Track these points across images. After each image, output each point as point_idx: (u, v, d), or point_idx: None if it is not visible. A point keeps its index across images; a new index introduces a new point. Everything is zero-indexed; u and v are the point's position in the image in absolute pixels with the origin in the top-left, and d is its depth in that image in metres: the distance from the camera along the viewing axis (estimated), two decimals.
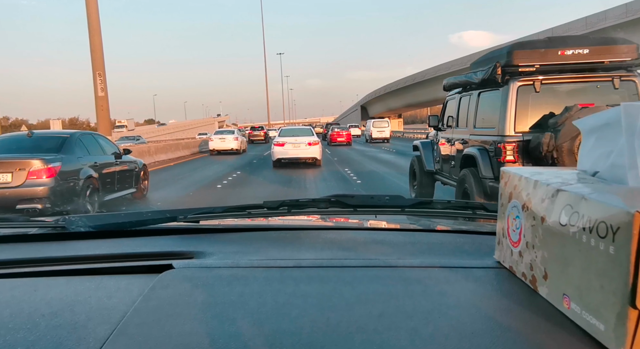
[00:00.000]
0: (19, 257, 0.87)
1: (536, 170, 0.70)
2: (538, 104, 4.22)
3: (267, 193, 8.47)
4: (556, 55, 4.23)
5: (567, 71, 4.25)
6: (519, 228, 0.67)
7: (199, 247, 0.88)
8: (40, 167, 5.56)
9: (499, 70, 4.28)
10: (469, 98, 5.31)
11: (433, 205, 1.11)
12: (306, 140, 12.93)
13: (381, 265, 0.76)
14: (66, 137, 6.48)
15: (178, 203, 7.82)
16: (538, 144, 4.00)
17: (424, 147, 6.71)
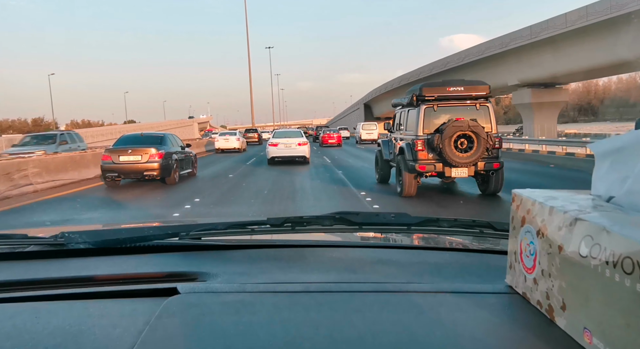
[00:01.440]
0: (18, 278, 0.84)
1: (549, 194, 0.69)
2: (435, 118, 7.60)
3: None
4: (446, 90, 7.64)
5: (451, 99, 7.63)
6: (534, 255, 0.65)
7: (202, 267, 0.86)
8: (155, 152, 10.45)
9: (415, 98, 7.72)
10: (401, 113, 8.78)
11: (439, 222, 1.10)
12: (296, 141, 15.37)
13: (391, 290, 0.75)
14: (162, 136, 11.49)
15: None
16: (433, 140, 7.35)
17: (383, 143, 9.98)
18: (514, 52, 29.23)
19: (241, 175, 13.01)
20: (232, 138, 24.65)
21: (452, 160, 7.20)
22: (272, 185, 10.46)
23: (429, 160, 7.42)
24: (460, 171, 7.34)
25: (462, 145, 7.16)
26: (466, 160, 7.20)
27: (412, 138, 7.73)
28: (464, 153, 7.16)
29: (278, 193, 9.12)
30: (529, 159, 16.45)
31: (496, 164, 7.41)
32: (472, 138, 7.13)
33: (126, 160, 10.27)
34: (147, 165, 10.20)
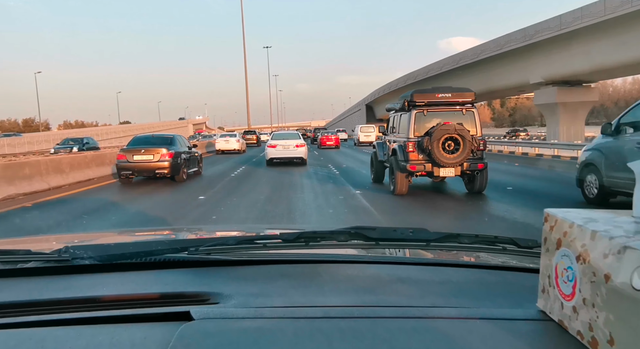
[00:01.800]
0: (22, 299, 0.81)
1: (587, 215, 0.66)
2: (425, 122, 8.29)
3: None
4: (435, 97, 8.35)
5: (440, 105, 8.34)
6: (573, 281, 0.62)
7: (214, 286, 0.83)
8: (166, 152, 11.46)
9: (406, 103, 8.42)
10: (395, 117, 9.48)
11: (460, 238, 1.06)
12: (294, 143, 15.95)
13: (417, 315, 0.71)
14: (172, 137, 12.51)
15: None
16: (423, 142, 8.03)
17: (378, 145, 10.64)
18: (539, 46, 26.15)
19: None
20: (232, 140, 25.54)
21: (440, 161, 7.85)
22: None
23: (419, 160, 8.06)
24: (447, 171, 7.99)
25: (449, 147, 7.81)
26: (453, 161, 7.85)
27: (404, 141, 8.38)
28: (451, 155, 7.81)
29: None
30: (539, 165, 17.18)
31: (480, 165, 8.08)
32: (459, 141, 7.78)
33: (139, 159, 11.27)
34: (159, 164, 11.24)
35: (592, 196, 7.20)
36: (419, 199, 8.24)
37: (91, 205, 8.43)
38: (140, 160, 11.23)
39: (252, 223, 6.50)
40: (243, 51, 35.05)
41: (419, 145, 8.05)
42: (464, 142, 7.76)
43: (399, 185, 8.38)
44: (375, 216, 6.89)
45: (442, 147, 7.79)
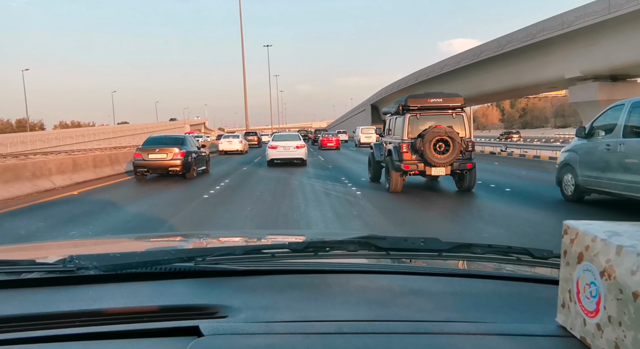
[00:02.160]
0: (27, 312, 0.79)
1: (610, 228, 0.64)
2: (418, 125, 9.01)
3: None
4: (427, 101, 9.08)
5: (432, 109, 9.06)
6: (596, 298, 0.60)
7: (222, 299, 0.82)
8: (178, 151, 12.50)
9: (400, 107, 9.16)
10: (390, 120, 10.21)
11: (473, 249, 1.04)
12: (295, 144, 16.36)
13: (432, 331, 0.69)
14: (183, 137, 13.59)
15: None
16: (416, 144, 8.74)
17: (375, 146, 11.33)
18: (578, 34, 22.04)
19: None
20: (235, 141, 26.31)
21: (431, 161, 8.54)
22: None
23: (412, 160, 8.74)
24: (438, 170, 8.68)
25: (440, 148, 8.50)
26: (443, 161, 8.54)
27: (398, 142, 9.09)
28: (441, 155, 8.50)
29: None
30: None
31: (469, 164, 8.78)
32: (449, 142, 8.47)
33: (154, 157, 12.35)
34: (172, 162, 12.30)
35: (569, 194, 7.77)
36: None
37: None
38: (155, 159, 12.29)
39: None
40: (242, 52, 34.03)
41: (413, 146, 8.73)
42: (454, 143, 8.43)
43: (394, 183, 9.06)
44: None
45: (434, 148, 8.47)
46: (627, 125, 6.87)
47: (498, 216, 7.09)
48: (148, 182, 12.23)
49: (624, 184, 6.66)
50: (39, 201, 8.97)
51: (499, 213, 7.30)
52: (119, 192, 10.47)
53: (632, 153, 6.60)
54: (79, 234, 5.99)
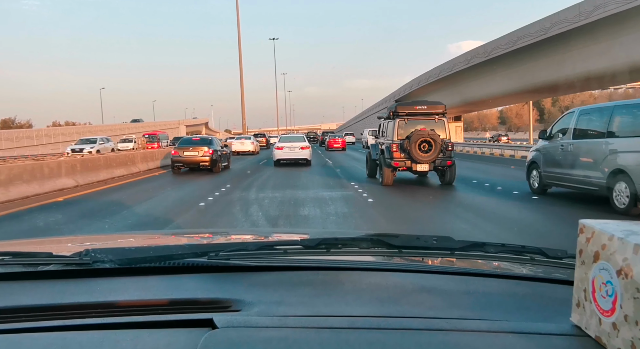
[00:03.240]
0: (45, 303, 0.80)
1: (627, 227, 0.62)
2: (406, 128, 10.37)
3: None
4: (414, 108, 10.50)
5: (417, 115, 10.44)
6: (612, 297, 0.59)
7: (235, 293, 0.81)
8: (207, 149, 14.78)
9: (391, 113, 10.58)
10: (383, 124, 11.63)
11: (486, 248, 1.01)
12: (300, 145, 16.96)
13: (446, 328, 0.68)
14: (211, 138, 16.21)
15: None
16: (404, 144, 10.15)
17: (372, 146, 12.71)
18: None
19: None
20: (247, 142, 27.35)
21: (416, 158, 9.93)
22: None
23: (401, 158, 10.12)
24: (423, 166, 10.07)
25: (424, 148, 9.89)
26: (427, 158, 9.92)
27: (389, 143, 10.44)
28: (425, 154, 9.89)
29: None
30: None
31: (449, 162, 10.13)
32: (431, 143, 9.86)
33: (188, 154, 14.67)
34: (202, 158, 14.57)
35: (535, 187, 8.95)
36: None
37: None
38: (189, 155, 14.63)
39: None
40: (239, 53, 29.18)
41: (401, 146, 10.10)
42: (435, 143, 9.81)
43: (386, 178, 10.46)
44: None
45: (418, 148, 9.87)
46: (576, 129, 8.06)
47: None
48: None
49: (573, 178, 7.92)
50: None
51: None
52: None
53: (579, 152, 7.78)
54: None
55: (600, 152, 7.37)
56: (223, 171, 15.53)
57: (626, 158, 6.87)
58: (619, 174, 6.91)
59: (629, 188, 6.71)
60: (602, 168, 7.26)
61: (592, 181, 7.42)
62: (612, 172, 7.01)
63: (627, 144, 6.89)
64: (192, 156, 14.60)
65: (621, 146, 6.99)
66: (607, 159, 7.22)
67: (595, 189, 7.44)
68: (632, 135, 6.86)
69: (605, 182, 7.15)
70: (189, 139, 16.11)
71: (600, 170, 7.29)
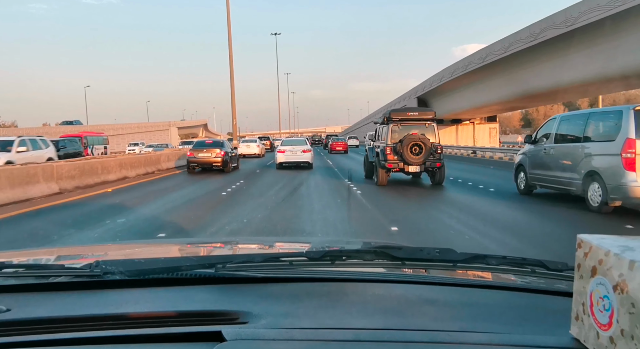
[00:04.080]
0: (57, 315, 0.79)
1: (623, 243, 0.62)
2: (399, 133, 10.65)
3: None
4: (406, 115, 10.84)
5: (409, 120, 10.75)
6: (609, 311, 0.58)
7: (243, 305, 0.80)
8: (220, 151, 15.57)
9: (385, 119, 10.89)
10: (378, 128, 11.94)
11: (487, 260, 1.00)
12: (301, 148, 16.76)
13: (447, 340, 0.67)
14: (222, 141, 16.81)
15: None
16: (397, 147, 10.46)
17: (369, 149, 13.04)
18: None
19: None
20: (253, 145, 27.36)
21: (408, 160, 10.26)
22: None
23: (394, 160, 10.43)
24: (414, 167, 10.37)
25: (415, 151, 10.23)
26: (417, 160, 10.25)
27: (384, 146, 10.74)
28: (416, 156, 10.23)
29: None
30: None
31: (438, 163, 10.42)
32: (421, 146, 10.20)
33: (203, 155, 15.56)
34: (215, 160, 15.40)
35: (522, 188, 9.14)
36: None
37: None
38: (203, 157, 15.53)
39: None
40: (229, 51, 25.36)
41: (394, 149, 10.41)
42: (425, 147, 10.16)
43: (380, 178, 10.78)
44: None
45: (410, 151, 10.21)
46: (557, 134, 8.34)
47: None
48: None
49: (555, 179, 8.20)
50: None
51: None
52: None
53: (559, 155, 8.01)
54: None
55: (577, 155, 7.60)
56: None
57: (599, 161, 7.17)
58: (593, 175, 7.19)
59: (601, 188, 7.05)
60: (578, 170, 7.54)
61: (571, 183, 7.65)
62: (587, 173, 7.29)
63: (600, 148, 7.20)
64: (206, 157, 15.43)
65: (595, 150, 7.22)
66: (582, 162, 7.51)
67: (574, 189, 7.75)
68: (604, 140, 7.21)
69: (581, 183, 7.45)
70: (202, 142, 17.04)
71: (577, 172, 7.57)
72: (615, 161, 6.81)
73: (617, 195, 6.80)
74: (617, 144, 6.83)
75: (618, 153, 6.77)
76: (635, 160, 6.60)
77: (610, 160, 6.97)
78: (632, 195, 6.64)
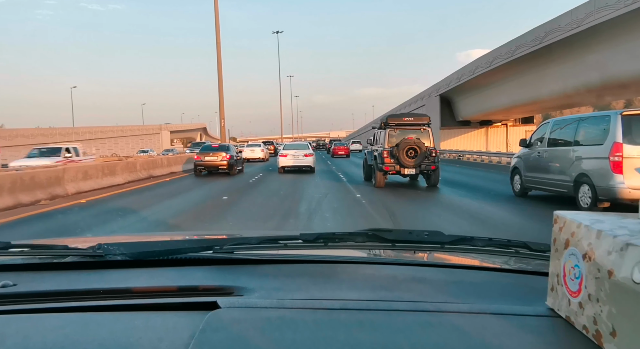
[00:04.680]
0: (63, 288, 0.81)
1: (595, 217, 0.64)
2: (395, 137, 10.66)
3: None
4: (402, 120, 10.86)
5: (405, 125, 10.76)
6: (579, 278, 0.60)
7: (238, 281, 0.81)
8: (225, 155, 15.71)
9: (382, 124, 10.92)
10: (376, 133, 11.95)
11: (474, 242, 1.01)
12: (304, 153, 16.42)
13: (431, 309, 0.69)
14: (228, 145, 16.80)
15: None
16: (393, 151, 10.47)
17: (368, 153, 13.06)
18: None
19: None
20: (257, 150, 27.19)
21: (404, 163, 10.29)
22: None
23: (391, 163, 10.45)
24: (409, 170, 10.42)
25: (410, 154, 10.27)
26: (413, 163, 10.29)
27: (381, 149, 10.78)
28: (411, 159, 10.27)
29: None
30: None
31: (433, 166, 10.42)
32: (417, 150, 10.24)
33: (209, 159, 15.70)
34: (221, 163, 15.56)
35: (517, 190, 9.08)
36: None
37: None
38: (210, 160, 15.67)
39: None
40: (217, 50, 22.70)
41: (391, 153, 10.42)
42: (420, 150, 10.23)
43: (378, 180, 10.82)
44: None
45: (406, 154, 10.26)
46: (550, 138, 8.36)
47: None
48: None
49: (548, 181, 8.20)
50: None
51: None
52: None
53: (552, 158, 8.01)
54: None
55: (568, 158, 7.60)
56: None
57: (588, 164, 7.20)
58: (583, 177, 7.23)
59: (590, 190, 7.09)
60: (569, 173, 7.55)
61: (563, 184, 7.64)
62: (578, 176, 7.30)
63: (589, 151, 7.21)
64: (212, 160, 15.61)
65: (585, 153, 7.22)
66: (573, 165, 7.53)
67: (565, 191, 7.78)
68: (593, 144, 7.24)
69: (572, 185, 7.48)
70: (209, 146, 17.21)
71: (569, 174, 7.58)
72: (604, 164, 6.84)
73: (605, 196, 6.83)
74: (605, 148, 6.86)
75: (606, 156, 6.80)
76: (622, 163, 6.63)
77: (599, 163, 7.00)
78: (620, 196, 6.66)
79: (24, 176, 9.02)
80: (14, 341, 0.62)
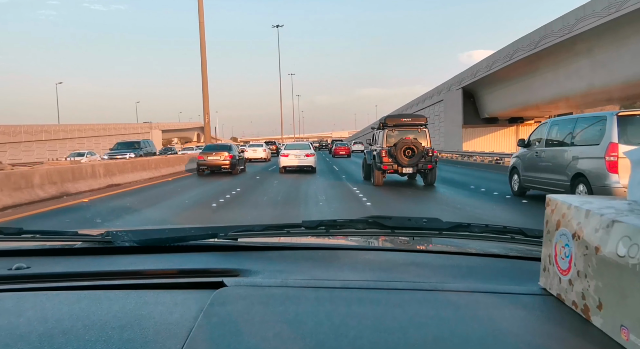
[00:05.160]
0: (75, 270, 0.83)
1: (585, 198, 0.65)
2: (393, 137, 10.53)
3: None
4: (400, 120, 10.73)
5: (403, 126, 10.64)
6: (569, 257, 0.61)
7: (242, 265, 0.83)
8: (228, 154, 15.58)
9: (381, 124, 10.77)
10: (375, 133, 11.84)
11: (471, 228, 1.02)
12: (305, 153, 16.09)
13: (427, 288, 0.71)
14: (230, 145, 16.94)
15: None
16: (391, 150, 10.32)
17: (367, 152, 12.96)
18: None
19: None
20: (259, 150, 26.63)
21: (402, 163, 10.18)
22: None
23: (389, 162, 10.35)
24: (407, 169, 10.30)
25: (408, 154, 10.17)
26: (410, 163, 10.20)
27: (380, 149, 10.66)
28: (408, 159, 10.16)
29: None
30: None
31: (430, 166, 10.32)
32: (414, 149, 10.14)
33: (212, 158, 15.58)
34: (224, 162, 15.43)
35: (516, 190, 8.92)
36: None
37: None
38: (212, 159, 15.57)
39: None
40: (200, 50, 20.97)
41: (389, 152, 10.31)
42: (417, 150, 10.12)
43: (377, 179, 10.73)
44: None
45: (403, 154, 10.15)
46: (548, 138, 8.21)
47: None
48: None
49: (545, 181, 7.97)
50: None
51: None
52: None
53: (549, 158, 7.88)
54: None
55: (565, 158, 7.47)
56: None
57: (585, 163, 7.07)
58: (579, 177, 7.11)
59: (587, 189, 7.00)
60: (566, 172, 7.41)
61: (560, 184, 7.51)
62: (574, 175, 7.17)
63: (586, 151, 7.05)
64: (214, 160, 15.52)
65: (581, 153, 7.10)
66: (570, 164, 7.41)
67: (562, 190, 7.65)
68: (590, 144, 7.12)
69: (569, 184, 7.39)
70: (212, 146, 17.25)
71: (565, 174, 7.46)
72: (600, 164, 6.75)
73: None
74: (601, 148, 6.75)
75: (602, 156, 6.71)
76: (617, 162, 6.54)
77: (595, 163, 6.91)
78: (615, 195, 6.57)
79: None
80: (32, 314, 0.64)
